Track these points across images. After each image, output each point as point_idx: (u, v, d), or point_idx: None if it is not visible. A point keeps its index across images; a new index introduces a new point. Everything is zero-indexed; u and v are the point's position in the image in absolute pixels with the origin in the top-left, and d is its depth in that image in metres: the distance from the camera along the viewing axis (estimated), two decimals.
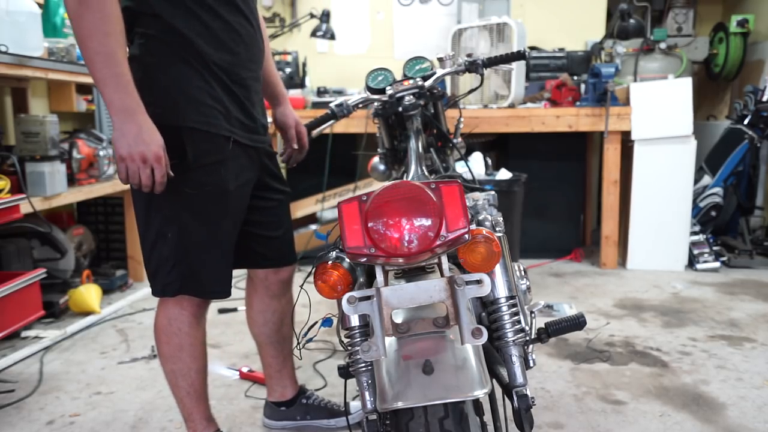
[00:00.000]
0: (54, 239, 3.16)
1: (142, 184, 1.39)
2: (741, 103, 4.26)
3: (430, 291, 1.06)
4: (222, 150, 1.53)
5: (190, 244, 1.54)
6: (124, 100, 1.34)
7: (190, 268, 1.55)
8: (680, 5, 5.00)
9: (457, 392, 1.03)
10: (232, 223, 1.60)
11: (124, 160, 1.36)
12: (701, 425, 2.02)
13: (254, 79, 1.64)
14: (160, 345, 1.67)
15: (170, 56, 1.47)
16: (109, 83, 1.33)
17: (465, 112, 3.56)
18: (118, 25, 1.33)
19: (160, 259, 1.55)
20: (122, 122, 1.34)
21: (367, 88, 1.88)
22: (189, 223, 1.53)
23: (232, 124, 1.55)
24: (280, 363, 1.96)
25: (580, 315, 1.32)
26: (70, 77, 3.10)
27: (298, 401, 2.00)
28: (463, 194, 1.08)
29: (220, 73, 1.52)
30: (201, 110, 1.48)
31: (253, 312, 1.90)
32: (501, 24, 3.82)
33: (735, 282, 3.64)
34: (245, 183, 1.62)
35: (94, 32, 1.30)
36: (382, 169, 2.16)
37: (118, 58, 1.32)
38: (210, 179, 1.52)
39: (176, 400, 1.73)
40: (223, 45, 1.52)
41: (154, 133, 1.37)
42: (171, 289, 1.57)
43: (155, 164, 1.37)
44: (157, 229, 1.54)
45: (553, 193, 4.27)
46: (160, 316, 1.65)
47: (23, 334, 2.85)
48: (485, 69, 1.91)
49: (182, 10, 1.47)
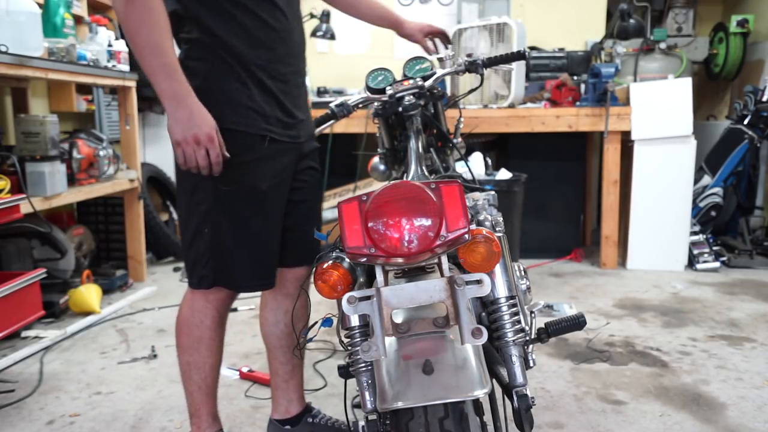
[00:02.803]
0: (54, 239, 3.16)
1: (200, 166, 1.45)
2: (741, 103, 4.26)
3: (430, 291, 1.06)
4: (257, 149, 1.57)
5: (223, 240, 1.59)
6: (174, 87, 1.40)
7: (222, 262, 1.61)
8: (680, 5, 5.00)
9: (457, 392, 1.03)
10: (265, 222, 1.63)
11: (180, 144, 1.43)
12: (701, 425, 2.02)
13: (295, 73, 1.66)
14: (180, 335, 1.70)
15: (209, 60, 1.52)
16: (158, 73, 1.39)
17: (465, 112, 3.55)
18: (162, 18, 1.39)
19: (197, 254, 1.61)
20: (174, 109, 1.42)
21: (367, 88, 1.88)
22: (222, 220, 1.58)
23: (269, 123, 1.58)
24: (288, 372, 1.90)
25: (580, 315, 1.32)
26: (70, 77, 3.10)
27: (303, 420, 1.94)
28: (463, 194, 1.08)
29: (257, 71, 1.55)
30: (238, 111, 1.53)
31: (266, 311, 1.89)
32: (501, 24, 3.82)
33: (735, 282, 3.65)
34: (281, 182, 1.65)
35: (140, 26, 1.37)
36: (382, 169, 2.16)
37: (165, 48, 1.39)
38: (244, 178, 1.56)
39: (186, 394, 1.74)
40: (260, 42, 1.55)
41: (205, 116, 1.43)
42: (206, 282, 1.63)
43: (209, 145, 1.43)
44: (195, 226, 1.60)
45: (553, 193, 4.27)
46: (184, 306, 1.70)
47: (23, 334, 2.85)
48: (485, 69, 1.91)
49: (218, 12, 1.51)
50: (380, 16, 1.92)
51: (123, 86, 3.58)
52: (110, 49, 3.44)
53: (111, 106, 4.15)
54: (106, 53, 3.40)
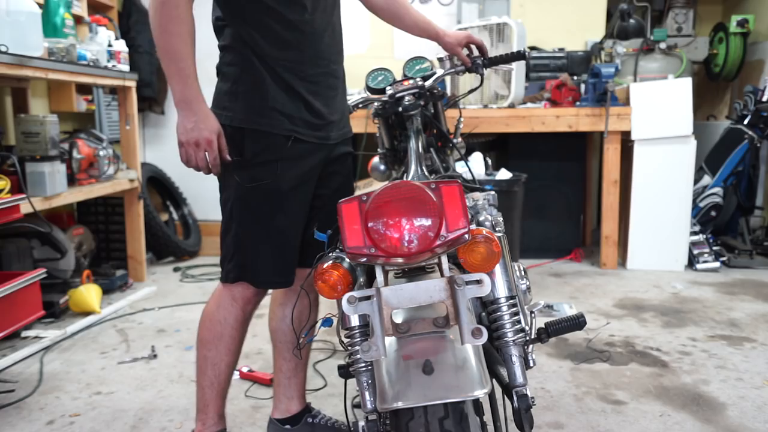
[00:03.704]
0: (54, 239, 3.16)
1: (200, 167, 1.55)
2: (741, 103, 4.26)
3: (430, 291, 1.06)
4: (279, 149, 1.60)
5: (246, 237, 1.66)
6: (184, 92, 1.49)
7: (246, 258, 1.67)
8: (680, 5, 5.00)
9: (457, 392, 1.03)
10: (287, 220, 1.66)
11: (182, 145, 1.53)
12: (701, 425, 2.02)
13: (326, 74, 1.68)
14: (202, 329, 1.74)
15: (239, 64, 1.59)
16: (173, 77, 1.49)
17: (465, 112, 3.56)
18: (184, 27, 1.47)
19: (226, 250, 1.70)
20: (182, 111, 1.51)
21: (367, 88, 1.88)
22: (246, 217, 1.65)
23: (295, 124, 1.61)
24: (291, 369, 1.92)
25: (580, 315, 1.32)
26: (70, 77, 3.10)
27: (303, 420, 1.95)
28: (463, 194, 1.08)
29: (284, 72, 1.59)
30: (263, 112, 1.58)
31: (275, 305, 1.90)
32: (501, 24, 3.82)
33: (735, 282, 3.64)
34: (305, 182, 1.67)
35: (163, 33, 1.46)
36: (382, 169, 2.16)
37: (182, 54, 1.47)
38: (265, 176, 1.60)
39: (197, 389, 1.76)
40: (288, 45, 1.59)
41: (208, 121, 1.52)
42: (231, 276, 1.69)
43: (207, 148, 1.52)
44: (224, 222, 1.69)
45: (553, 193, 4.27)
46: (211, 301, 1.75)
47: (23, 334, 2.85)
48: (485, 69, 1.91)
49: (248, 17, 1.56)
50: (423, 29, 1.95)
51: (123, 86, 3.58)
52: (110, 49, 3.44)
53: (111, 106, 4.15)
54: (106, 53, 3.40)
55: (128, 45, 3.76)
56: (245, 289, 1.70)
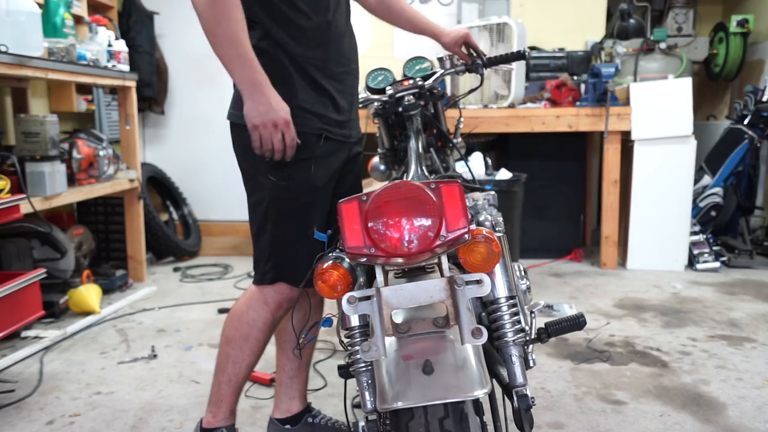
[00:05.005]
0: (54, 239, 3.16)
1: (275, 149, 1.53)
2: (741, 103, 4.26)
3: (430, 291, 1.06)
4: (313, 147, 1.61)
5: (284, 236, 1.65)
6: (251, 75, 1.49)
7: (284, 257, 1.66)
8: (680, 5, 5.00)
9: (457, 392, 1.03)
10: (321, 217, 1.67)
11: (257, 128, 1.51)
12: (701, 425, 2.02)
13: (347, 73, 1.69)
14: (228, 327, 1.73)
15: (268, 63, 1.57)
16: (235, 62, 1.48)
17: (465, 112, 3.56)
18: (239, 14, 1.47)
19: (261, 251, 1.69)
20: (252, 94, 1.50)
21: (367, 88, 1.88)
22: (282, 217, 1.64)
23: (324, 122, 1.62)
24: (294, 369, 1.93)
25: (580, 315, 1.32)
26: (70, 77, 3.10)
27: (303, 419, 1.96)
28: (463, 194, 1.08)
29: (313, 71, 1.60)
30: (294, 112, 1.57)
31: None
32: (501, 24, 3.82)
33: (735, 282, 3.64)
34: (331, 179, 1.68)
35: (221, 19, 1.45)
36: (382, 169, 2.16)
37: (242, 39, 1.47)
38: (301, 174, 1.61)
39: (213, 382, 1.77)
40: (315, 43, 1.60)
41: (281, 102, 1.52)
42: (268, 277, 1.68)
43: (285, 129, 1.51)
44: (257, 224, 1.68)
45: (553, 193, 4.27)
46: (242, 300, 1.74)
47: (23, 334, 2.85)
48: (485, 69, 1.91)
49: (276, 16, 1.57)
50: (420, 28, 1.96)
51: (123, 86, 3.58)
52: (110, 49, 3.44)
53: (111, 106, 4.15)
54: (106, 53, 3.40)
55: (128, 45, 3.76)
56: (279, 293, 1.69)
